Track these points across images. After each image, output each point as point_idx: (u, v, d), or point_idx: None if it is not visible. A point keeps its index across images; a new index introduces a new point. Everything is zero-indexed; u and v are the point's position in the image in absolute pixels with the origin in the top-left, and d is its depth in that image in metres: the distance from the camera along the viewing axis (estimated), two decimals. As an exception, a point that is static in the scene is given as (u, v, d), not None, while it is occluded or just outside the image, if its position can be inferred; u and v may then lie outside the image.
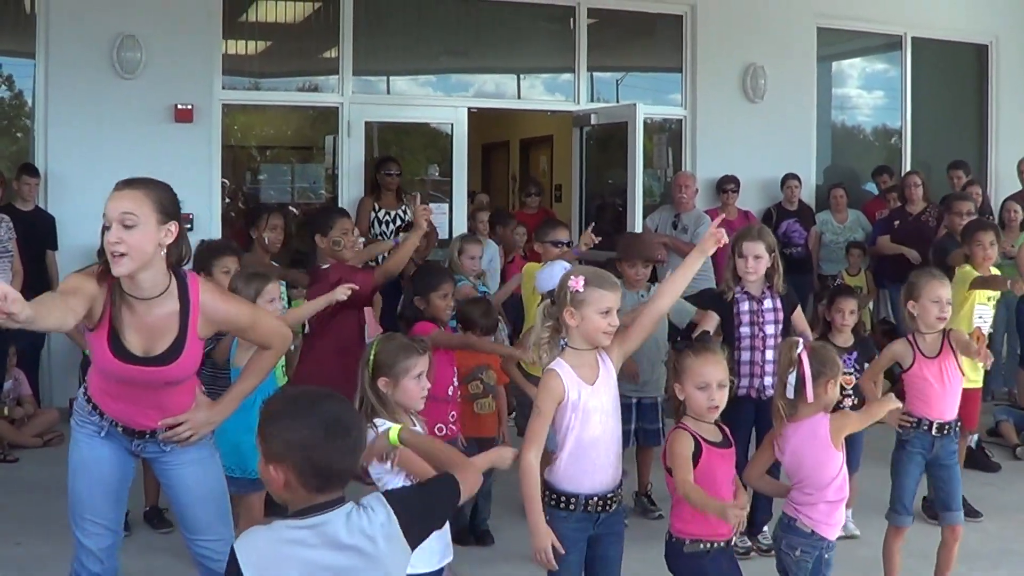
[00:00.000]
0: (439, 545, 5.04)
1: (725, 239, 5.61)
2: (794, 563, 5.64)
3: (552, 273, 7.68)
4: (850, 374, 8.15)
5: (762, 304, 7.69)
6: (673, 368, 5.43)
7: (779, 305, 7.73)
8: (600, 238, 9.50)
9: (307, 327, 8.22)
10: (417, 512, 3.48)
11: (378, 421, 4.95)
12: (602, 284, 5.15)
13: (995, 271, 9.02)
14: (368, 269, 8.83)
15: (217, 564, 5.12)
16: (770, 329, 7.67)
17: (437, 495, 3.54)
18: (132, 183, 4.84)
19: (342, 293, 7.29)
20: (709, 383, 5.25)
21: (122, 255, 4.70)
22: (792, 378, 5.60)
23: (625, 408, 5.78)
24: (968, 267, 8.79)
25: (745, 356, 7.65)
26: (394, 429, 4.63)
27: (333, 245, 8.02)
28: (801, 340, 5.78)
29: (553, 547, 5.03)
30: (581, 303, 5.12)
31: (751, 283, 7.68)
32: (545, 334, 5.30)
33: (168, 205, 4.85)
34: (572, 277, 5.17)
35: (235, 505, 6.61)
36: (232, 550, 3.35)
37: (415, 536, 3.47)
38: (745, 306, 7.67)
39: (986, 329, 8.49)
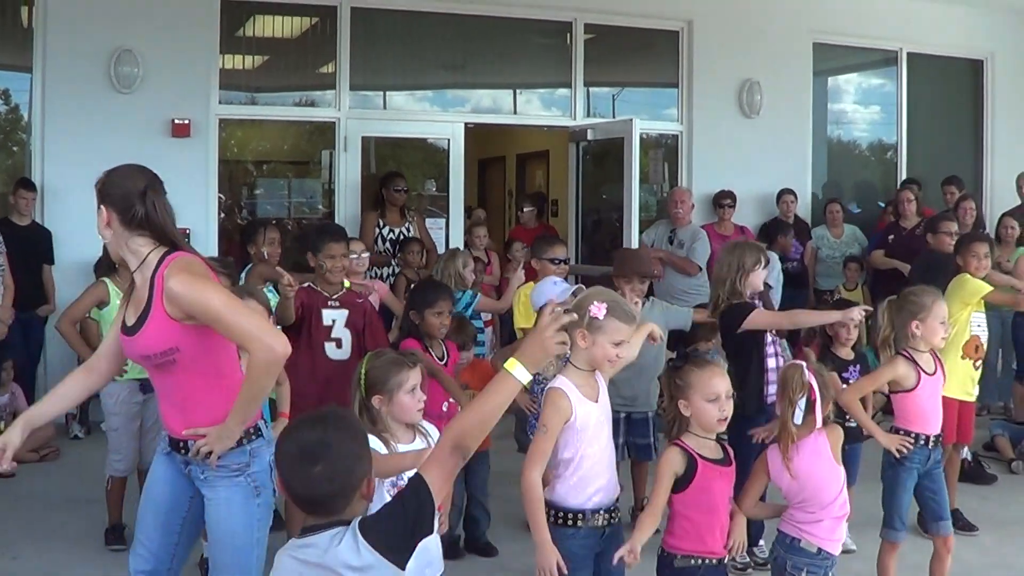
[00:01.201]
0: (429, 557, 5.02)
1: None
2: None
3: (544, 290, 7.71)
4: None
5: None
6: (674, 384, 5.42)
7: None
8: None
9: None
10: (397, 531, 3.43)
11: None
12: (622, 317, 5.17)
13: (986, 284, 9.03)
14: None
15: None
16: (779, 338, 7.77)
17: (410, 505, 3.50)
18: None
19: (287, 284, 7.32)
20: (719, 394, 5.26)
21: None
22: (802, 403, 5.60)
23: (613, 423, 5.79)
24: (968, 275, 8.76)
25: (772, 363, 7.67)
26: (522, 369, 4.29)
27: (318, 267, 7.94)
28: (806, 364, 5.78)
29: (557, 564, 5.02)
30: (597, 330, 5.14)
31: (757, 292, 7.71)
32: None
33: (101, 190, 4.91)
34: (596, 303, 5.14)
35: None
36: None
37: (402, 554, 3.43)
38: None
39: (984, 337, 8.48)
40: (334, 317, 7.72)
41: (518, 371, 3.78)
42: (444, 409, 7.23)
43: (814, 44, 15.27)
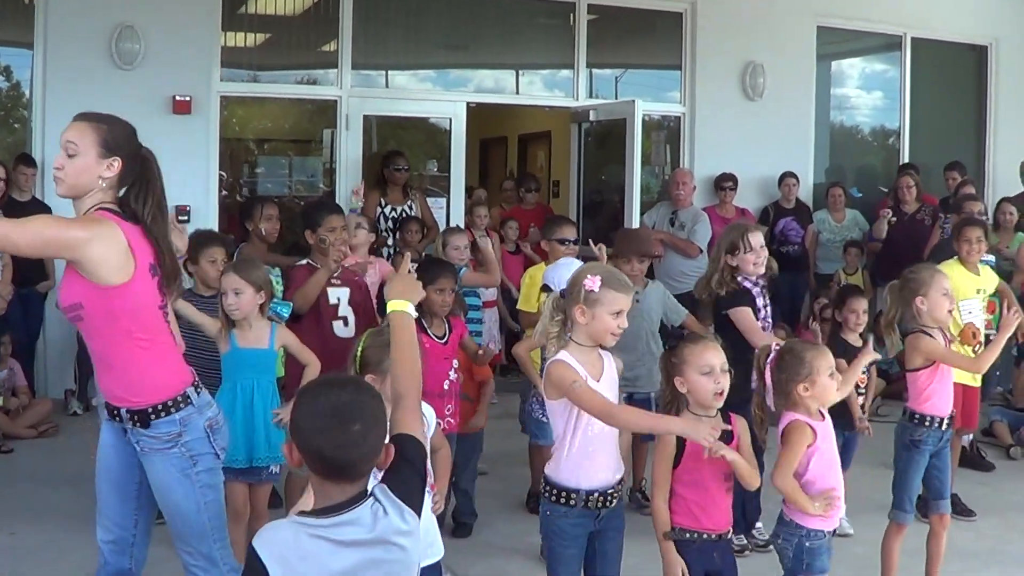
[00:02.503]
0: (430, 540, 5.04)
1: None
2: (805, 553, 5.60)
3: (563, 272, 7.71)
4: (864, 373, 8.19)
5: (766, 298, 7.71)
6: (669, 363, 5.42)
7: (767, 299, 7.77)
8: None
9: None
10: (415, 488, 3.47)
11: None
12: (617, 286, 5.15)
13: (985, 270, 9.01)
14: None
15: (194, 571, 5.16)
16: (769, 319, 7.73)
17: (416, 459, 3.53)
18: (84, 116, 5.04)
19: None
20: (713, 367, 5.25)
21: (59, 180, 4.95)
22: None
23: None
24: (952, 261, 8.76)
25: None
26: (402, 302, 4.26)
27: (320, 242, 7.88)
28: (773, 346, 5.76)
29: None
30: (595, 302, 5.12)
31: (760, 273, 7.66)
32: (555, 328, 5.29)
33: (112, 141, 4.94)
34: (589, 276, 5.17)
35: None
36: (251, 548, 3.31)
37: (420, 508, 3.48)
38: (760, 300, 7.67)
39: (979, 322, 8.44)
40: (339, 295, 7.72)
41: (406, 307, 4.11)
42: (445, 387, 7.22)
43: (818, 28, 15.24)
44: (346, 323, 7.73)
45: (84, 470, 8.60)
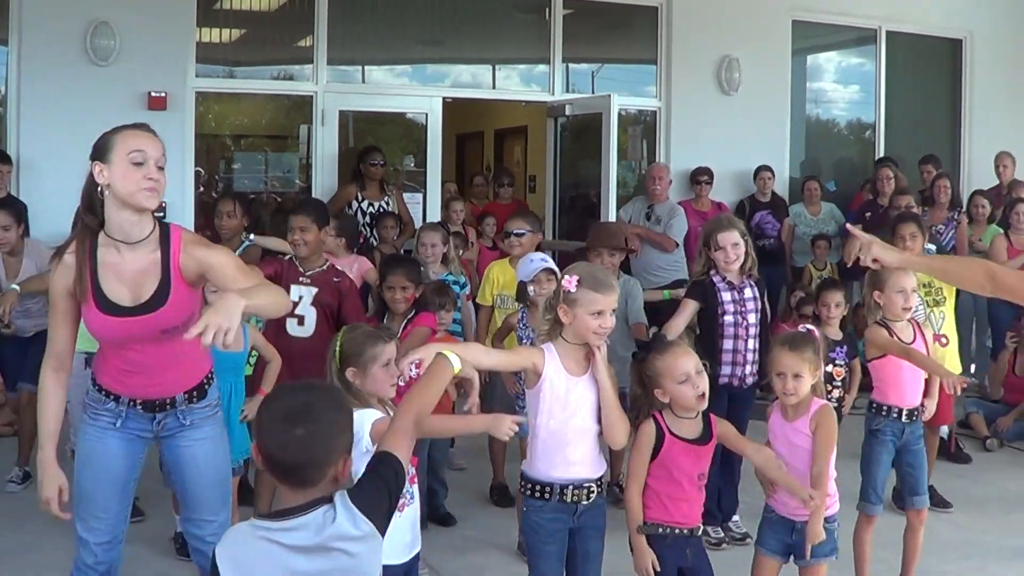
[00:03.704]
0: (410, 536, 5.08)
1: None
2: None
3: (520, 268, 7.76)
4: (841, 366, 8.23)
5: (743, 293, 7.71)
6: (644, 378, 5.45)
7: (757, 293, 7.77)
8: None
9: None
10: (381, 500, 3.45)
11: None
12: (595, 286, 5.14)
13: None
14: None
15: (211, 548, 5.16)
16: (752, 318, 7.71)
17: (387, 475, 3.51)
18: (150, 128, 5.03)
19: None
20: (688, 373, 5.29)
21: (157, 192, 4.90)
22: None
23: None
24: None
25: (728, 344, 7.66)
26: (455, 357, 4.40)
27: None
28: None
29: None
30: (574, 302, 5.14)
31: (731, 272, 7.69)
32: (546, 326, 5.34)
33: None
34: (567, 276, 5.20)
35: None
36: (214, 549, 3.39)
37: (384, 522, 3.45)
38: (727, 295, 7.67)
39: (920, 317, 8.23)
40: (301, 293, 7.65)
41: (453, 359, 4.15)
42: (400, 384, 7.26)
43: (793, 21, 15.26)
44: (301, 322, 7.66)
45: (63, 468, 8.61)
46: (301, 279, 7.75)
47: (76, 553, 5.21)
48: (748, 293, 7.73)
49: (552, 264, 7.63)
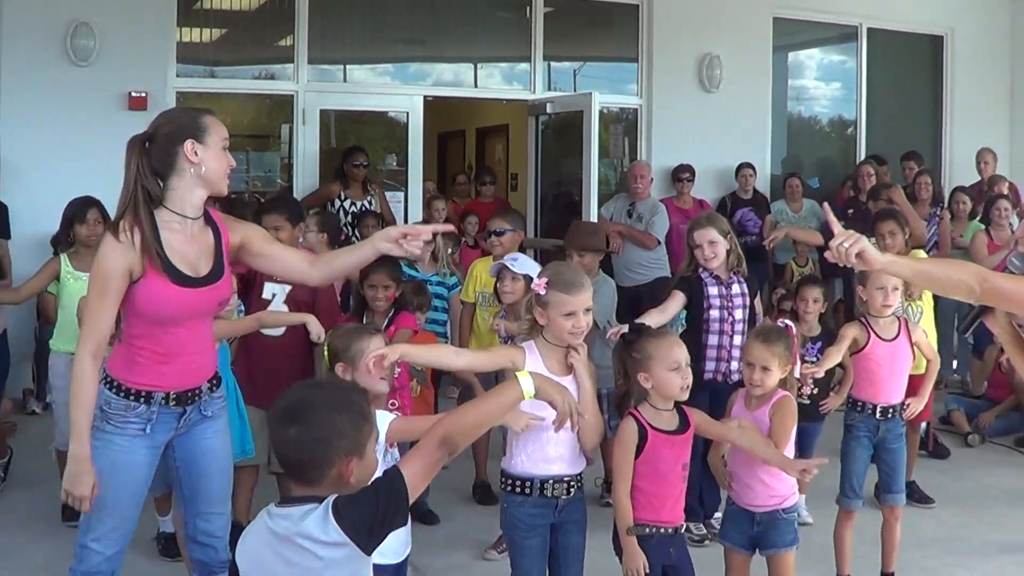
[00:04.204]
0: (402, 538, 5.09)
1: None
2: None
3: (511, 263, 7.75)
4: (814, 363, 8.23)
5: (730, 289, 7.72)
6: (629, 359, 5.44)
7: (746, 290, 7.78)
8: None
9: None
10: (367, 519, 3.38)
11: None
12: (564, 288, 5.16)
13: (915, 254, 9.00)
14: None
15: (219, 542, 5.30)
16: (739, 314, 7.71)
17: (384, 496, 3.42)
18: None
19: (315, 326, 7.18)
20: (680, 363, 5.32)
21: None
22: None
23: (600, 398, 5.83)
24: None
25: (713, 340, 7.67)
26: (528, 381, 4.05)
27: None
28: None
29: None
30: (546, 304, 5.17)
31: (715, 268, 7.70)
32: (526, 326, 5.37)
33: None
34: (537, 279, 5.24)
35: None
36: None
37: (370, 541, 3.40)
38: (714, 290, 7.69)
39: (897, 311, 8.13)
40: (274, 291, 7.56)
41: (525, 382, 3.91)
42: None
43: (774, 19, 15.31)
44: None
45: (43, 471, 8.61)
46: (275, 277, 7.70)
47: (77, 562, 5.11)
48: (736, 289, 7.74)
49: (523, 265, 7.50)
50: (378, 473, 3.57)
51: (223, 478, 5.39)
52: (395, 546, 5.00)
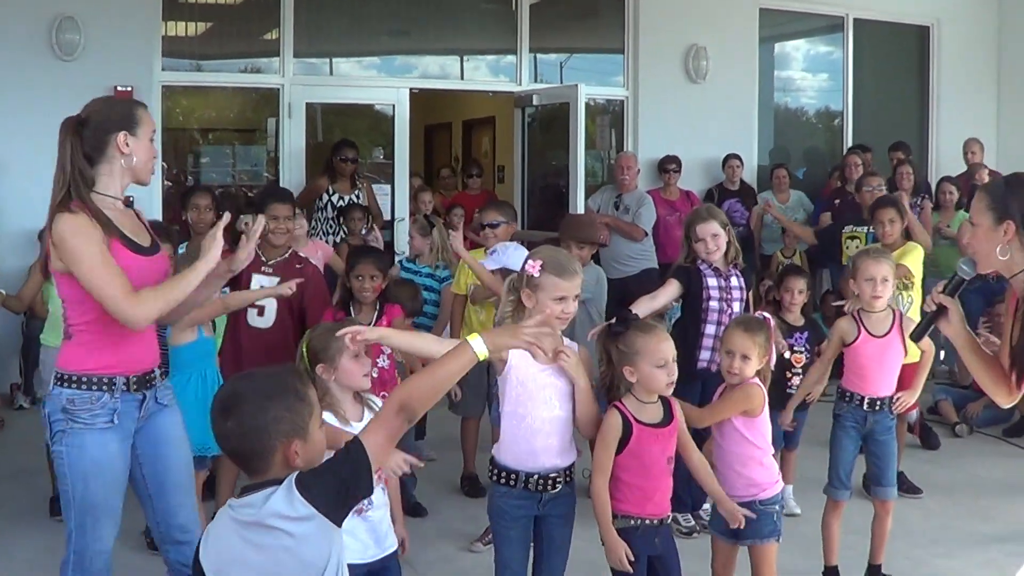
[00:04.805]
0: (370, 539, 5.10)
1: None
2: None
3: (503, 254, 7.73)
4: (800, 353, 8.24)
5: (729, 281, 7.72)
6: (616, 350, 5.42)
7: (743, 283, 7.79)
8: None
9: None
10: (331, 489, 3.41)
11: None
12: (559, 272, 5.12)
13: (912, 245, 8.99)
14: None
15: (193, 536, 5.18)
16: (737, 306, 7.70)
17: (344, 466, 3.46)
18: None
19: (286, 289, 7.16)
20: (667, 359, 5.27)
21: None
22: None
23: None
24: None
25: (710, 330, 7.64)
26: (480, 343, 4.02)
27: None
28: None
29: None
30: (537, 287, 5.12)
31: (716, 261, 7.70)
32: (508, 308, 5.31)
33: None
34: (531, 260, 5.17)
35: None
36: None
37: (338, 512, 3.43)
38: (713, 282, 7.68)
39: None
40: (262, 283, 7.52)
41: (476, 343, 3.86)
42: (373, 375, 7.22)
43: (760, 9, 15.31)
44: (261, 312, 7.57)
45: (31, 466, 8.60)
46: (263, 268, 7.64)
47: (82, 567, 5.08)
48: (734, 282, 7.75)
49: (518, 259, 7.48)
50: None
51: (188, 469, 5.42)
52: (355, 546, 4.94)
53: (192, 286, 5.01)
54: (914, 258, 8.80)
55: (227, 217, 5.36)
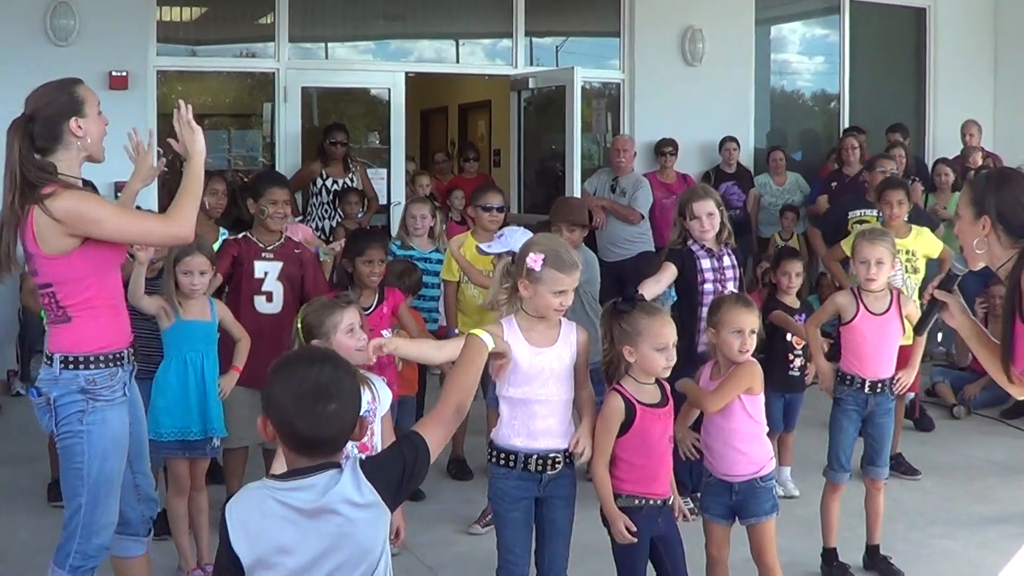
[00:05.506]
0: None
1: None
2: None
3: (511, 238, 7.72)
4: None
5: (722, 261, 7.70)
6: (618, 329, 5.41)
7: (736, 262, 7.76)
8: None
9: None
10: (395, 478, 3.47)
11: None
12: (560, 267, 5.12)
13: (923, 233, 9.00)
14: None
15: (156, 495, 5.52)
16: (731, 286, 7.66)
17: (411, 457, 3.53)
18: None
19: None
20: (668, 343, 5.28)
21: None
22: None
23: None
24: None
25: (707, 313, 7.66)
26: (488, 336, 4.50)
27: (259, 213, 7.81)
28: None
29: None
30: (536, 280, 5.12)
31: (708, 241, 7.67)
32: (503, 295, 5.31)
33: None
34: (532, 253, 5.15)
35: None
36: (223, 509, 3.38)
37: (395, 499, 3.47)
38: (707, 263, 7.65)
39: (897, 282, 7.90)
40: (266, 269, 7.54)
41: (485, 338, 4.24)
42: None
43: (756, -9, 15.29)
44: (270, 299, 7.54)
45: (29, 451, 8.60)
46: (264, 254, 7.60)
47: (90, 540, 5.09)
48: (727, 261, 7.70)
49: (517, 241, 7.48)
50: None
51: (146, 437, 5.61)
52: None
53: (199, 179, 5.50)
54: (924, 241, 8.82)
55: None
